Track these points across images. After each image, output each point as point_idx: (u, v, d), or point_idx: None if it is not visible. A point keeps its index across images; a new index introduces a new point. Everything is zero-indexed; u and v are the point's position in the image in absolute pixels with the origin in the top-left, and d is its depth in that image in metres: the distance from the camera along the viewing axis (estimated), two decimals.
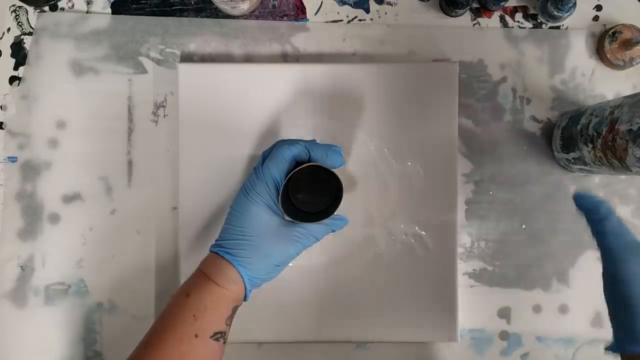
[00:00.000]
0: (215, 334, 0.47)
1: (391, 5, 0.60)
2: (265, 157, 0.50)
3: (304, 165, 0.48)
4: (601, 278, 0.44)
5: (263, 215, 0.48)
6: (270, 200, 0.48)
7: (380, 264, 0.58)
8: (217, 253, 0.49)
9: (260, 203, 0.48)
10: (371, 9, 0.60)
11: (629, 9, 0.60)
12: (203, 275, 0.49)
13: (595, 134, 0.50)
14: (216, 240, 0.50)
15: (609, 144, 0.47)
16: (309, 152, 0.49)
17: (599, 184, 0.59)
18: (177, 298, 0.48)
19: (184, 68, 0.57)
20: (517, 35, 0.60)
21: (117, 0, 0.60)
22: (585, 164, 0.53)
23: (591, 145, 0.50)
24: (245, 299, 0.50)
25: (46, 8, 0.60)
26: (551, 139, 0.59)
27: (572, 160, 0.55)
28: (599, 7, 0.60)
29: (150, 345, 0.47)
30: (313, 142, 0.50)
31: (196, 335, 0.46)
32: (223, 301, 0.48)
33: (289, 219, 0.49)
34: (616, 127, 0.46)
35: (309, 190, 0.52)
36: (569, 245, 0.59)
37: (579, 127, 0.53)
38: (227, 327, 0.48)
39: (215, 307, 0.47)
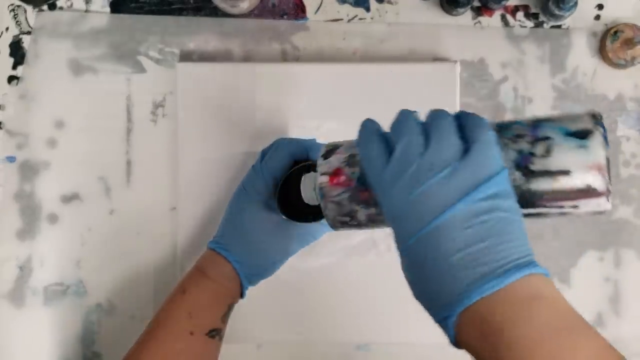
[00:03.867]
0: (211, 331, 0.47)
1: (392, 4, 0.60)
2: (264, 154, 0.50)
3: (302, 164, 0.48)
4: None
5: (260, 213, 0.48)
6: (269, 198, 0.48)
7: (380, 264, 0.57)
8: (213, 249, 0.49)
9: (258, 200, 0.48)
10: (371, 7, 0.60)
11: (630, 8, 0.60)
12: (199, 272, 0.49)
13: None
14: (214, 237, 0.50)
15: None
16: (308, 151, 0.49)
17: None
18: (173, 295, 0.48)
19: (183, 67, 0.57)
20: (519, 35, 0.60)
21: None
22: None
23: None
24: (242, 296, 0.49)
25: (45, 7, 0.59)
26: None
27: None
28: (600, 6, 0.60)
29: (145, 343, 0.47)
30: (312, 141, 0.50)
31: (191, 333, 0.46)
32: (219, 298, 0.48)
33: (285, 218, 0.49)
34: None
35: None
36: (570, 245, 0.59)
37: None
38: (223, 325, 0.48)
39: (210, 304, 0.47)
